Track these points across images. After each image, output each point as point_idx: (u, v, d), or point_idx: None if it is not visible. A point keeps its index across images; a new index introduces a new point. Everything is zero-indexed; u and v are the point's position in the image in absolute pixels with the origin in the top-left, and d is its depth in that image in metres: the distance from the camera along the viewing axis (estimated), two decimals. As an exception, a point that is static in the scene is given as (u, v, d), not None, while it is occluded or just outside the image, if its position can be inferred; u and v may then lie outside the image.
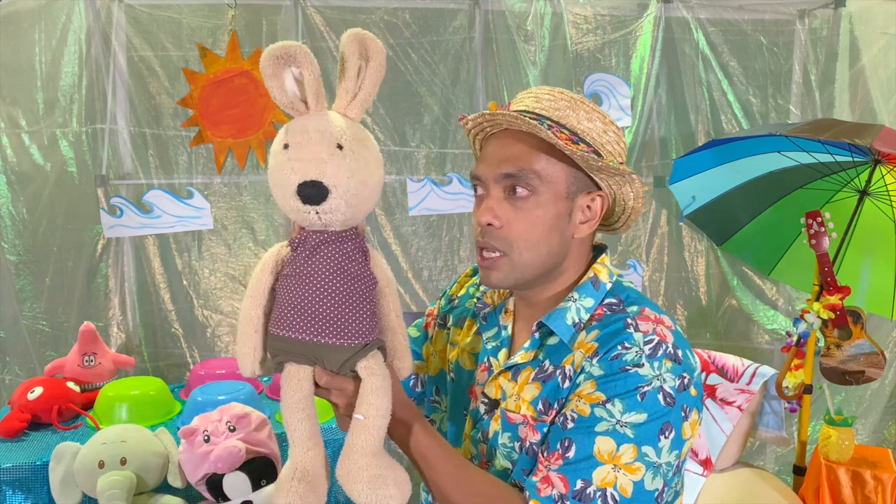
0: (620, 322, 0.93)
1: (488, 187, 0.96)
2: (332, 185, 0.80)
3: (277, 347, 0.86)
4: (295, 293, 0.83)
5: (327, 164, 0.80)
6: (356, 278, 0.85)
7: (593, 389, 0.90)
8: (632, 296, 1.00)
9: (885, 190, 2.25)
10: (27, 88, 2.53)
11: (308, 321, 0.82)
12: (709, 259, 2.94)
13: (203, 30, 2.60)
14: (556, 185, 0.95)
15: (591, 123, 0.96)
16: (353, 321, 0.84)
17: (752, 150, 2.33)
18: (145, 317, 2.72)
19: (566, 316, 0.97)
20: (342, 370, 0.85)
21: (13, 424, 1.96)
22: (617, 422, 0.87)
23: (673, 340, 0.92)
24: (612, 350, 0.91)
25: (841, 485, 2.09)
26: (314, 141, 0.81)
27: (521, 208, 0.94)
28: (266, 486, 1.61)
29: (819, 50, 2.82)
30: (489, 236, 0.95)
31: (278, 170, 0.82)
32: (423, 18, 2.72)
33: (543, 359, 0.98)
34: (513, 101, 1.01)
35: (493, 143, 0.98)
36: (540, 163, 0.94)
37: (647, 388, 0.88)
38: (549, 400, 0.95)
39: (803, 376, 2.21)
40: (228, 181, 2.70)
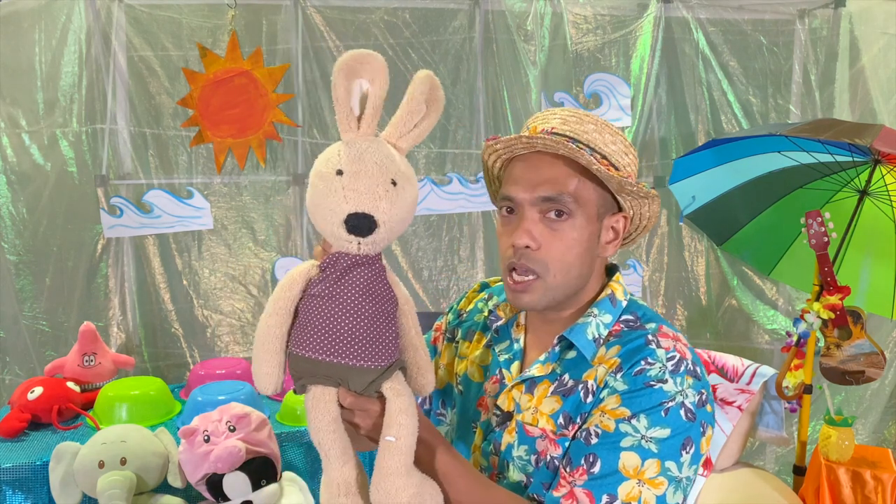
0: (642, 339, 0.95)
1: (523, 209, 0.97)
2: (383, 221, 0.81)
3: (302, 369, 0.84)
4: (323, 314, 0.82)
5: (382, 200, 0.80)
6: (383, 300, 0.84)
7: (618, 404, 0.91)
8: (647, 313, 1.02)
9: (885, 190, 2.25)
10: (27, 88, 2.53)
11: (336, 343, 0.81)
12: (709, 259, 2.94)
13: (203, 30, 2.60)
14: (588, 207, 0.97)
15: (616, 146, 0.98)
16: (380, 343, 0.83)
17: (752, 150, 2.33)
18: (145, 317, 2.72)
19: (587, 331, 0.99)
20: (367, 391, 0.85)
21: (13, 424, 1.96)
22: (642, 437, 0.89)
23: (691, 358, 0.95)
24: (635, 365, 0.92)
25: (841, 485, 2.09)
26: (372, 174, 0.80)
27: (558, 230, 0.95)
28: (266, 485, 1.61)
29: (819, 50, 2.82)
30: (525, 258, 0.96)
31: (328, 194, 0.80)
32: (423, 18, 2.72)
33: (562, 373, 0.99)
34: (536, 121, 1.02)
35: (522, 165, 0.98)
36: (576, 186, 0.95)
37: (670, 403, 0.90)
38: (571, 414, 0.96)
39: (803, 376, 2.21)
40: (228, 181, 2.70)
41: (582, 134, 0.96)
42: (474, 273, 2.88)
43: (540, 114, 1.02)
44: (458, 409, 1.14)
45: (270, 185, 2.73)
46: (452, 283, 2.88)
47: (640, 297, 2.85)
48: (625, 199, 0.99)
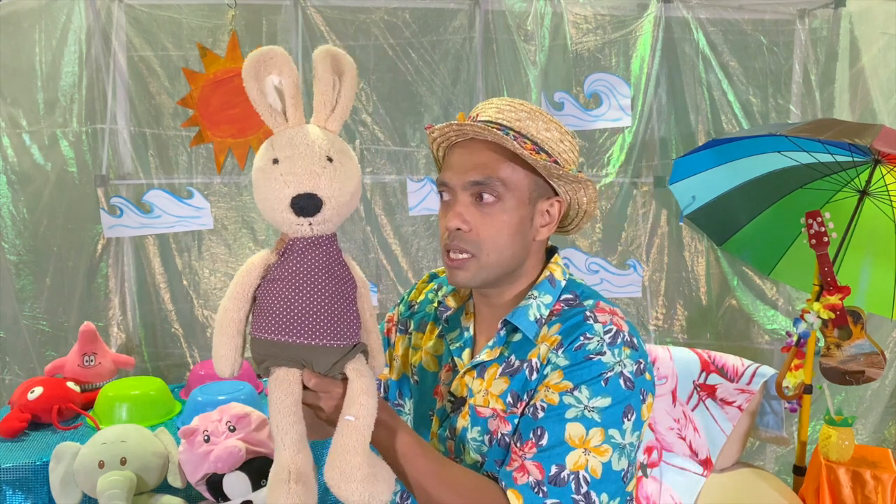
0: (580, 315, 1.01)
1: (456, 193, 1.02)
2: (326, 197, 0.82)
3: (265, 352, 0.85)
4: (284, 296, 0.83)
5: (321, 178, 0.82)
6: (343, 281, 0.86)
7: (560, 379, 0.96)
8: (585, 291, 1.07)
9: (885, 190, 2.25)
10: (27, 88, 2.53)
11: (300, 324, 0.83)
12: (709, 259, 2.93)
13: (203, 30, 2.60)
14: (519, 191, 1.01)
15: (549, 133, 1.03)
16: (342, 322, 0.85)
17: (752, 150, 2.33)
18: (145, 317, 2.72)
19: (528, 313, 1.03)
20: (331, 372, 0.86)
21: (13, 424, 1.96)
22: (585, 407, 0.93)
23: (628, 329, 1.00)
24: (575, 341, 0.97)
25: (841, 485, 2.09)
26: (305, 155, 0.82)
27: (489, 213, 1.00)
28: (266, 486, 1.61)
29: (819, 50, 2.82)
30: (458, 239, 1.01)
31: (268, 183, 0.83)
32: (423, 18, 2.72)
33: (509, 354, 1.04)
34: (475, 111, 1.06)
35: (458, 151, 1.03)
36: (505, 171, 1.00)
37: (609, 374, 0.94)
38: (518, 392, 1.00)
39: (803, 376, 2.21)
40: (228, 181, 2.70)
41: (514, 122, 1.01)
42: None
43: (481, 104, 1.07)
44: (414, 398, 1.19)
45: (270, 185, 2.73)
46: (452, 283, 2.87)
47: (640, 297, 2.88)
48: (558, 185, 1.04)
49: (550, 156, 1.02)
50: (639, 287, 2.88)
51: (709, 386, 2.09)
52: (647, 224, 2.91)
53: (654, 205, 2.90)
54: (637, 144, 2.83)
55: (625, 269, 2.87)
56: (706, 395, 2.08)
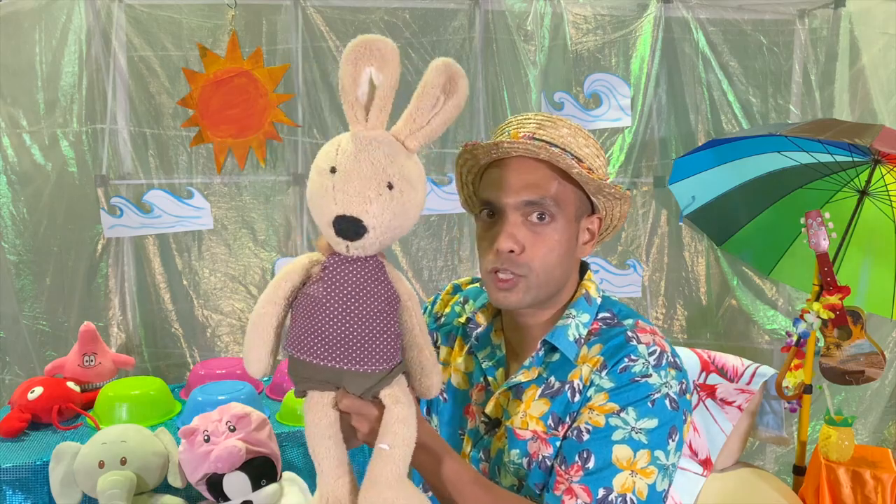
0: (622, 336, 0.99)
1: (506, 214, 0.97)
2: (372, 226, 0.75)
3: (299, 373, 0.81)
4: (315, 316, 0.78)
5: (372, 204, 0.74)
6: (379, 298, 0.80)
7: (605, 400, 0.94)
8: (623, 310, 1.05)
9: (885, 190, 2.25)
10: (28, 88, 2.53)
11: (329, 347, 0.78)
12: (709, 259, 2.93)
13: (203, 30, 2.60)
14: (568, 209, 0.98)
15: (589, 150, 1.00)
16: (376, 346, 0.79)
17: (752, 150, 2.33)
18: (145, 317, 2.72)
19: (567, 333, 1.01)
20: (365, 396, 0.82)
21: (13, 424, 1.96)
22: (632, 429, 0.92)
23: (670, 350, 0.98)
24: (619, 363, 0.95)
25: (841, 485, 2.09)
26: (365, 174, 0.74)
27: (541, 234, 0.97)
28: (266, 485, 1.61)
29: (819, 50, 2.82)
30: (508, 262, 0.96)
31: (320, 193, 0.76)
32: (423, 18, 2.72)
33: (548, 375, 1.01)
34: (508, 126, 1.03)
35: (502, 169, 0.99)
36: (557, 189, 0.97)
37: (656, 395, 0.93)
38: (560, 415, 0.98)
39: (803, 376, 2.21)
40: (228, 181, 2.70)
41: (558, 138, 0.98)
42: (474, 273, 2.87)
43: (514, 118, 1.04)
44: (444, 416, 1.15)
45: (270, 185, 2.73)
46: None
47: (640, 297, 2.88)
48: (599, 201, 1.02)
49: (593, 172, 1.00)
50: (639, 287, 2.88)
51: (709, 386, 2.09)
52: (646, 224, 2.91)
53: (654, 205, 2.90)
54: (637, 144, 2.83)
55: (625, 269, 2.87)
56: (706, 394, 2.08)
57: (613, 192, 0.99)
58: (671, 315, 2.97)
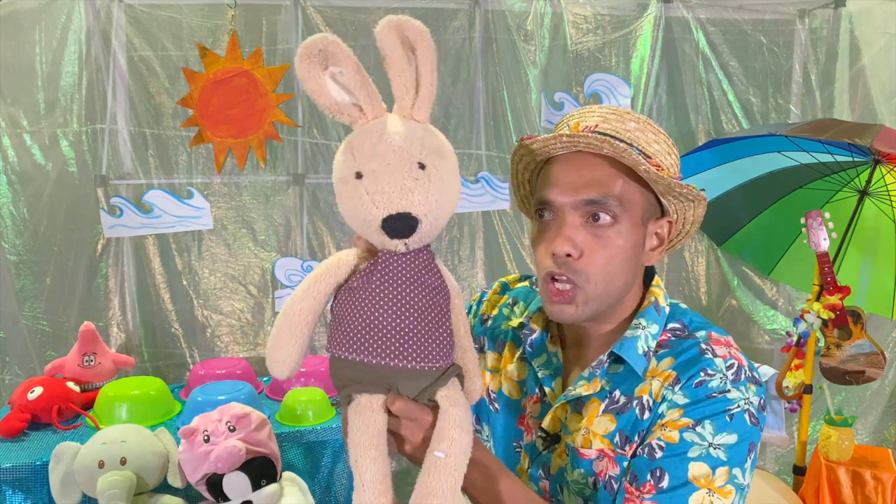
0: (695, 348, 0.91)
1: (563, 214, 0.89)
2: (422, 214, 0.70)
3: (345, 375, 0.74)
4: (369, 310, 0.72)
5: (414, 192, 0.69)
6: (435, 291, 0.74)
7: (680, 416, 0.87)
8: (694, 320, 0.98)
9: (885, 190, 2.25)
10: (28, 88, 2.53)
11: (384, 342, 0.71)
12: (709, 259, 2.93)
13: (203, 30, 2.60)
14: (634, 211, 0.89)
15: (659, 146, 0.91)
16: (433, 341, 0.73)
17: (752, 150, 2.33)
18: (145, 317, 2.72)
19: (637, 345, 0.92)
20: (420, 398, 0.75)
21: (13, 424, 1.96)
22: (709, 444, 0.85)
23: (747, 363, 0.91)
24: (694, 377, 0.88)
25: (841, 485, 2.09)
26: (394, 167, 0.69)
27: (602, 237, 0.88)
28: (266, 485, 1.61)
29: (819, 50, 2.82)
30: (566, 268, 0.88)
31: (354, 202, 0.71)
32: (423, 18, 2.65)
33: (612, 389, 0.93)
34: (570, 119, 0.94)
35: (562, 166, 0.90)
36: (622, 188, 0.88)
37: (735, 409, 0.86)
38: (628, 433, 0.90)
39: (803, 376, 2.21)
40: (228, 181, 2.70)
41: (624, 132, 0.88)
42: (474, 273, 2.87)
43: (576, 111, 0.94)
44: (497, 428, 1.06)
45: (270, 185, 2.73)
46: (452, 283, 2.87)
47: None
48: (670, 202, 0.93)
49: (663, 171, 0.89)
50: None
51: (709, 386, 2.08)
52: (647, 224, 2.91)
53: (654, 205, 2.90)
54: (637, 144, 2.83)
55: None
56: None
57: (686, 192, 0.90)
58: None
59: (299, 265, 2.71)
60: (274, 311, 2.75)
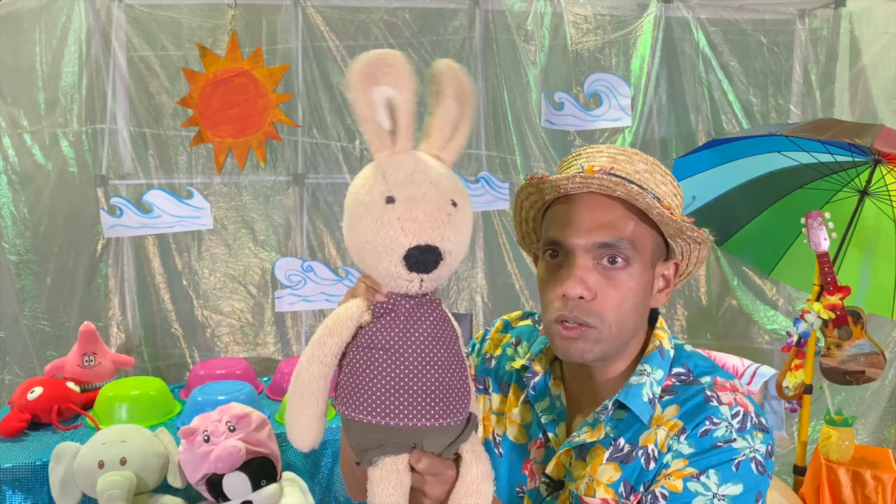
0: (700, 396, 0.89)
1: (574, 255, 0.87)
2: (448, 252, 0.68)
3: (367, 439, 0.71)
4: (389, 370, 0.68)
5: (447, 228, 0.68)
6: (452, 341, 0.72)
7: (685, 466, 0.85)
8: (699, 364, 0.95)
9: (886, 190, 2.25)
10: (28, 88, 2.54)
11: (410, 403, 0.68)
12: (709, 259, 2.93)
13: (203, 30, 2.60)
14: (644, 253, 0.88)
15: (666, 187, 0.90)
16: (456, 393, 0.71)
17: (752, 149, 2.33)
18: (145, 317, 2.72)
19: (642, 392, 0.90)
20: (444, 454, 0.73)
21: (13, 424, 1.96)
22: (714, 495, 0.83)
23: (754, 409, 0.89)
24: (699, 426, 0.86)
25: (841, 485, 2.09)
26: (431, 198, 0.67)
27: (614, 279, 0.87)
28: (266, 486, 1.61)
29: (819, 50, 2.82)
30: (578, 310, 0.86)
31: (380, 228, 0.67)
32: (423, 18, 2.72)
33: (616, 436, 0.91)
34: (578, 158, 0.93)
35: (571, 206, 0.88)
36: (634, 230, 0.87)
37: (741, 458, 0.85)
38: (632, 483, 0.89)
39: (803, 376, 2.21)
40: (228, 181, 2.70)
41: (634, 174, 0.87)
42: (474, 273, 2.87)
43: (582, 150, 0.93)
44: (500, 473, 1.04)
45: (270, 185, 2.73)
46: (452, 283, 2.88)
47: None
48: (677, 244, 0.92)
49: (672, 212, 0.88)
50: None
51: (709, 386, 2.08)
52: (647, 224, 2.91)
53: (655, 205, 2.90)
54: (637, 144, 2.83)
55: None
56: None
57: (695, 235, 0.88)
58: (671, 315, 2.97)
59: (299, 265, 2.71)
60: (274, 311, 2.75)
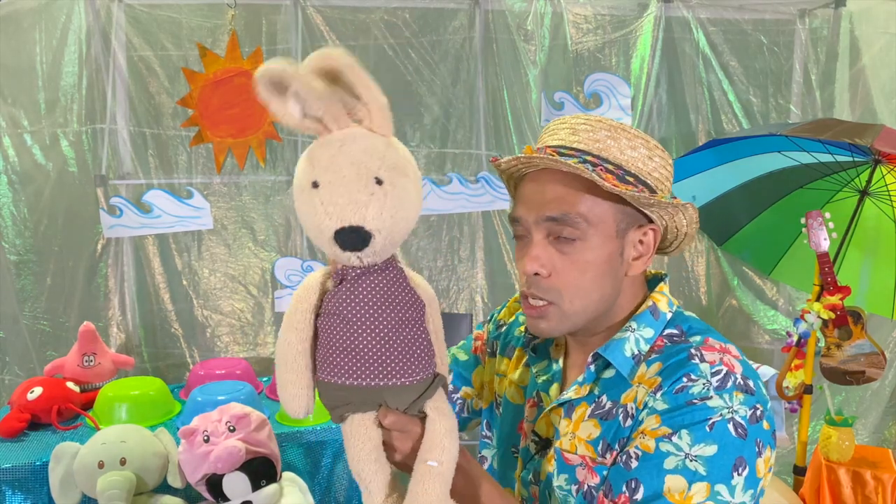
0: (684, 353, 0.86)
1: (530, 231, 0.88)
2: (375, 230, 0.70)
3: (335, 397, 0.76)
4: (344, 334, 0.73)
5: (368, 207, 0.69)
6: (407, 306, 0.75)
7: (658, 424, 0.83)
8: (695, 326, 0.92)
9: (886, 190, 2.25)
10: (28, 88, 2.54)
11: (367, 364, 0.73)
12: (709, 259, 2.93)
13: (203, 29, 2.60)
14: (604, 225, 0.87)
15: (635, 152, 0.87)
16: (414, 355, 0.75)
17: (752, 149, 2.33)
18: (145, 317, 2.72)
19: (624, 347, 0.90)
20: (409, 410, 0.77)
21: (13, 424, 1.96)
22: (686, 455, 0.80)
23: (742, 371, 0.85)
24: (676, 382, 0.83)
25: (841, 485, 2.09)
26: (349, 179, 0.69)
27: (569, 254, 0.86)
28: (266, 486, 1.61)
29: (819, 50, 2.82)
30: (535, 286, 0.88)
31: (309, 211, 0.71)
32: (423, 18, 2.72)
33: (600, 393, 0.91)
34: (546, 133, 0.93)
35: (530, 183, 0.90)
36: (586, 203, 0.85)
37: (716, 418, 0.80)
38: (609, 441, 0.87)
39: (803, 376, 2.21)
40: (228, 181, 2.70)
41: (592, 143, 0.86)
42: (474, 273, 2.87)
43: (552, 124, 0.92)
44: (499, 432, 1.07)
45: (270, 185, 2.73)
46: (452, 283, 2.88)
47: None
48: (651, 211, 0.89)
49: (639, 179, 0.87)
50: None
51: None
52: (647, 224, 2.91)
53: (655, 205, 2.90)
54: (637, 144, 2.83)
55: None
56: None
57: (653, 202, 0.86)
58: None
59: (299, 265, 2.71)
60: (274, 311, 2.75)
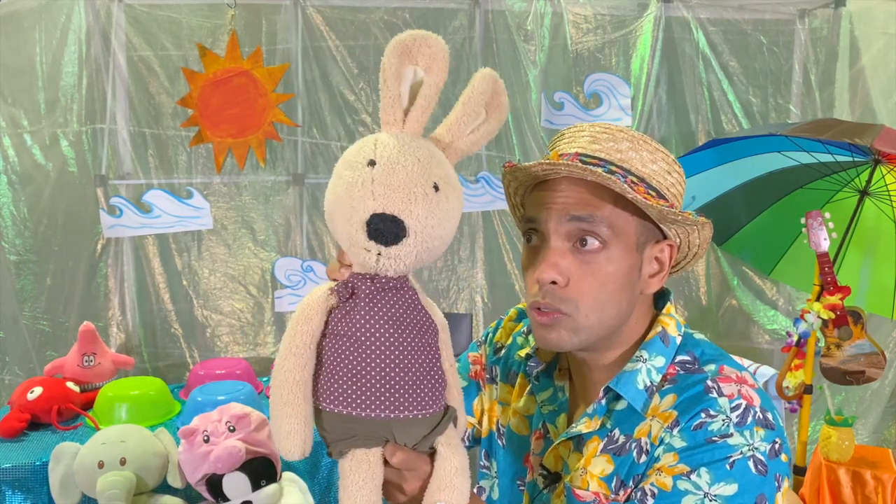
0: (700, 385, 0.82)
1: (548, 236, 0.82)
2: (413, 230, 0.64)
3: (339, 429, 0.68)
4: (355, 360, 0.66)
5: (418, 204, 0.64)
6: (423, 330, 0.69)
7: (675, 462, 0.79)
8: (707, 351, 0.88)
9: (886, 190, 2.25)
10: (28, 88, 2.54)
11: (378, 394, 0.66)
12: (709, 259, 2.93)
13: (203, 29, 2.60)
14: (626, 237, 0.82)
15: (655, 165, 0.83)
16: (429, 385, 0.68)
17: (752, 150, 2.33)
18: (145, 317, 2.72)
19: (636, 379, 0.85)
20: (419, 447, 0.71)
21: (13, 424, 1.96)
22: (705, 495, 0.76)
23: (760, 402, 0.81)
24: (694, 418, 0.80)
25: (841, 485, 2.09)
26: (412, 171, 0.65)
27: (590, 263, 0.81)
28: (266, 486, 1.61)
29: (819, 50, 2.82)
30: (550, 296, 0.82)
31: (353, 186, 0.65)
32: (423, 18, 2.72)
33: (612, 427, 0.86)
34: (563, 140, 0.88)
35: (549, 191, 0.84)
36: (611, 212, 0.81)
37: (737, 456, 0.77)
38: (623, 478, 0.84)
39: (803, 376, 2.21)
40: (228, 181, 2.70)
41: (614, 153, 0.82)
42: (474, 273, 2.87)
43: (568, 130, 0.88)
44: (502, 464, 1.01)
45: (270, 185, 2.73)
46: (452, 283, 2.88)
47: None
48: (669, 227, 0.85)
49: (660, 194, 0.83)
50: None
51: (709, 386, 2.08)
52: (647, 224, 2.91)
53: (654, 205, 2.90)
54: (637, 144, 2.83)
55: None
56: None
57: (681, 219, 0.82)
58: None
59: (299, 265, 2.71)
60: (274, 311, 2.75)
